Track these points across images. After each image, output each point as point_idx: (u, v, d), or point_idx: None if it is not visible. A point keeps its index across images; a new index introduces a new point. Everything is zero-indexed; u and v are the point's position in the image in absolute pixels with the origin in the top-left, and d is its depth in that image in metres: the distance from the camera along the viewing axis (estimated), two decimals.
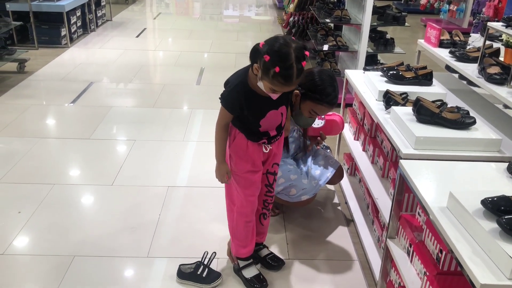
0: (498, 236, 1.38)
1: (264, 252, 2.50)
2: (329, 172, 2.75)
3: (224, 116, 2.02)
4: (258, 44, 1.82)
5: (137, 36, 7.46)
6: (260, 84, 1.86)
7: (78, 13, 6.96)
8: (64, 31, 6.50)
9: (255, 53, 1.82)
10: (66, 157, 3.57)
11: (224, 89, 2.01)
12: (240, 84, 1.94)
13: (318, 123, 2.82)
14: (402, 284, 1.99)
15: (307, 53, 1.79)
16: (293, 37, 1.86)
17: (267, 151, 2.14)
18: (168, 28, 8.27)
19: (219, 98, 1.99)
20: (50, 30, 6.42)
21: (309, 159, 2.80)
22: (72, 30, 6.77)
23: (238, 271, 2.37)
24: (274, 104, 2.01)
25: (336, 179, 2.85)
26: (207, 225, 2.80)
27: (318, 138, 2.85)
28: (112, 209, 2.93)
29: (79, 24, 7.03)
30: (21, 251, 2.54)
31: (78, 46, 6.70)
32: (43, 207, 2.91)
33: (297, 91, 2.43)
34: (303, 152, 2.83)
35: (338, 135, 3.39)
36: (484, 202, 1.49)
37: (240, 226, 2.27)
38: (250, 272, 2.34)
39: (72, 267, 2.42)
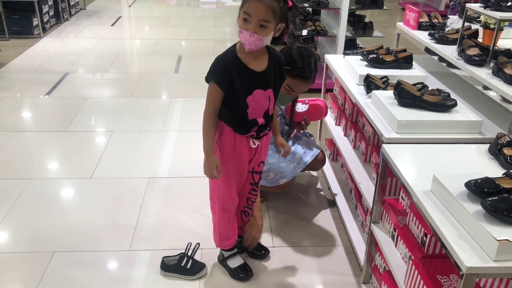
0: (483, 218, 1.38)
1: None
2: (309, 156, 2.73)
3: (212, 98, 1.88)
4: None
5: (112, 25, 7.29)
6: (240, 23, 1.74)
7: (50, 2, 6.75)
8: (36, 21, 6.31)
9: None
10: (43, 151, 3.47)
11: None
12: (230, 54, 1.85)
13: (302, 107, 2.80)
14: (387, 269, 1.99)
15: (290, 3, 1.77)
16: None
17: (254, 146, 2.06)
18: (144, 16, 8.11)
19: (206, 76, 1.86)
20: (22, 20, 6.22)
21: (290, 143, 2.78)
22: (45, 20, 6.58)
23: (222, 261, 2.34)
24: (261, 83, 1.90)
25: (318, 164, 2.83)
26: (189, 216, 2.76)
27: (302, 123, 2.83)
28: (91, 202, 2.87)
29: (51, 13, 6.83)
30: None
31: (52, 36, 6.51)
32: (19, 203, 2.83)
33: None
34: (286, 136, 2.81)
35: (319, 120, 3.38)
36: (468, 184, 1.49)
37: (221, 222, 2.23)
38: (234, 262, 2.32)
39: (52, 263, 2.36)
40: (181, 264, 2.29)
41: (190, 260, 2.30)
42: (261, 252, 2.45)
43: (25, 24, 6.24)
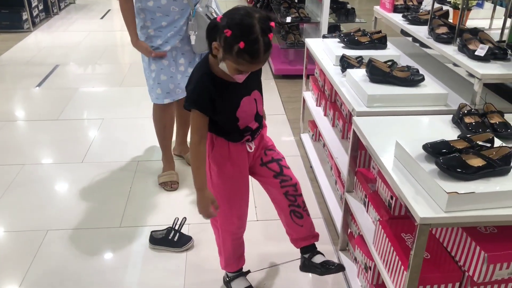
0: (437, 175, 1.51)
1: (318, 258, 1.98)
2: None
3: (198, 125, 1.68)
4: (215, 19, 1.55)
5: (102, 18, 7.37)
6: (223, 66, 1.58)
7: None
8: (25, 15, 6.38)
9: (213, 29, 1.54)
10: (35, 138, 3.58)
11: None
12: (204, 75, 1.65)
13: None
14: (360, 233, 2.13)
15: (272, 24, 1.52)
16: (254, 6, 1.76)
17: (251, 150, 1.84)
18: None
19: (185, 104, 1.68)
20: (11, 15, 6.30)
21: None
22: (34, 14, 6.65)
23: (227, 283, 2.17)
24: (245, 90, 1.73)
25: None
26: (177, 194, 2.88)
27: None
28: (83, 185, 2.98)
29: (41, 7, 6.91)
30: None
31: (41, 30, 6.59)
32: (13, 187, 2.94)
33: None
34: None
35: (302, 103, 3.49)
36: (425, 146, 1.61)
37: (227, 244, 2.02)
38: (239, 284, 2.13)
39: (46, 241, 2.48)
40: (168, 237, 2.41)
41: (177, 234, 2.42)
42: (334, 266, 1.94)
43: (15, 18, 6.32)
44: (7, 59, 5.36)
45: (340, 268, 1.96)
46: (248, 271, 2.21)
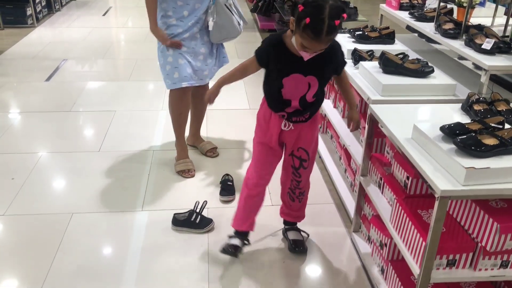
0: (454, 153, 1.66)
1: (291, 234, 2.48)
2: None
3: (246, 64, 2.04)
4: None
5: (104, 15, 7.46)
6: (293, 40, 1.83)
7: None
8: (29, 11, 6.46)
9: (293, 7, 1.80)
10: (50, 128, 3.68)
11: None
12: (275, 37, 1.95)
13: None
14: (375, 214, 2.27)
15: (344, 15, 1.72)
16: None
17: (286, 128, 2.10)
18: (133, 6, 8.27)
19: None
20: (15, 10, 6.37)
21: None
22: (37, 10, 6.73)
23: (228, 239, 2.36)
24: (303, 68, 1.93)
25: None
26: (196, 179, 3.01)
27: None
28: (101, 172, 3.09)
29: (43, 3, 6.98)
30: (20, 211, 2.68)
31: (45, 25, 6.67)
32: (35, 173, 3.04)
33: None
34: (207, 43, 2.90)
35: None
36: (443, 128, 1.76)
37: (242, 196, 2.29)
38: (233, 242, 2.32)
39: (72, 223, 2.59)
40: (190, 219, 2.54)
41: (199, 216, 2.55)
42: (300, 248, 2.42)
43: (19, 14, 6.39)
44: (13, 53, 5.43)
45: (302, 252, 2.41)
46: (248, 242, 2.39)
